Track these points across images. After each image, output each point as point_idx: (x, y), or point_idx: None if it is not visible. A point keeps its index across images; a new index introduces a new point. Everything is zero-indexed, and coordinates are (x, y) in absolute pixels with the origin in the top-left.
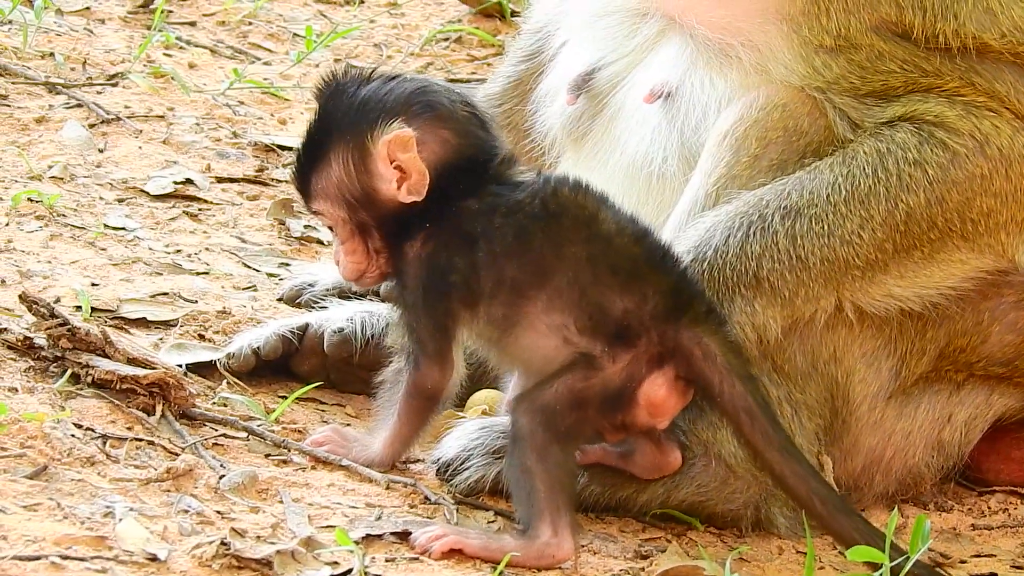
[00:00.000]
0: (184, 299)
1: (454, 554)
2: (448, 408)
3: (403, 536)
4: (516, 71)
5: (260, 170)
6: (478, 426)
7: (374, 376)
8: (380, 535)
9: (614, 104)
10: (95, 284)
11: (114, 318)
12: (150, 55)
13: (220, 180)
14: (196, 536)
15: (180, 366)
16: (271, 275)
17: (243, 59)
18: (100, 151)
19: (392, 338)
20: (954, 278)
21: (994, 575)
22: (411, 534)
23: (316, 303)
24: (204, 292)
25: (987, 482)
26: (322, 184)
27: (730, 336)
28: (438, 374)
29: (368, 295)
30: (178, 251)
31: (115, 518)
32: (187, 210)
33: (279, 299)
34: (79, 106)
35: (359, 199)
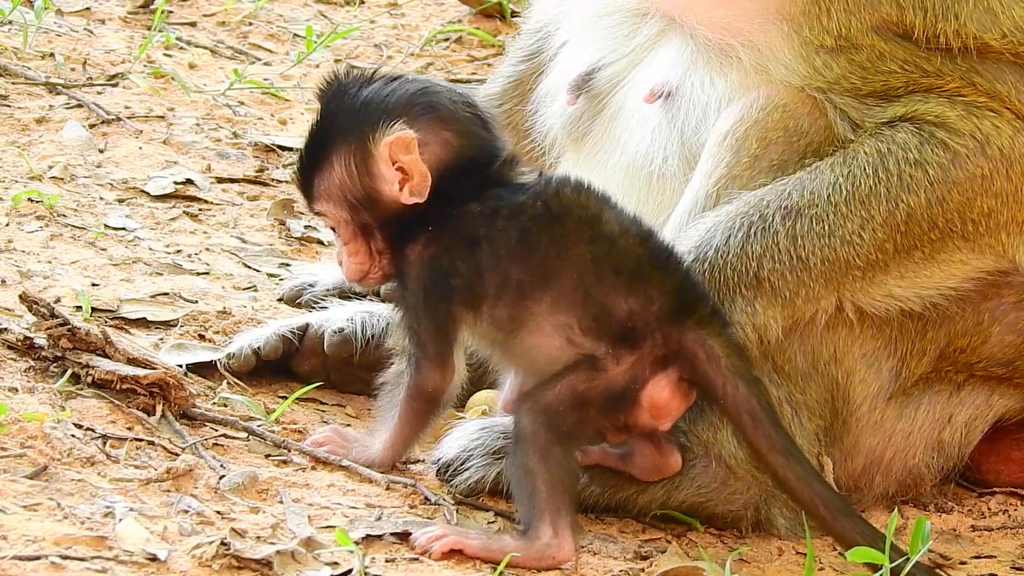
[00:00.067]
0: (184, 299)
1: (454, 554)
2: (448, 409)
3: (403, 536)
4: (516, 71)
5: (260, 170)
6: (478, 426)
7: (374, 376)
8: (380, 535)
9: (614, 104)
10: (95, 284)
11: (114, 318)
12: (150, 55)
13: (220, 180)
14: (196, 536)
15: (180, 366)
16: (271, 275)
17: (243, 59)
18: (100, 151)
19: (393, 340)
20: (955, 278)
21: None
22: (411, 534)
23: (316, 303)
24: (204, 292)
25: (987, 483)
26: (324, 185)
27: (734, 338)
28: (439, 377)
29: (368, 295)
30: (178, 251)
31: (115, 518)
32: (187, 210)
33: (279, 299)
34: (79, 106)
35: (361, 200)
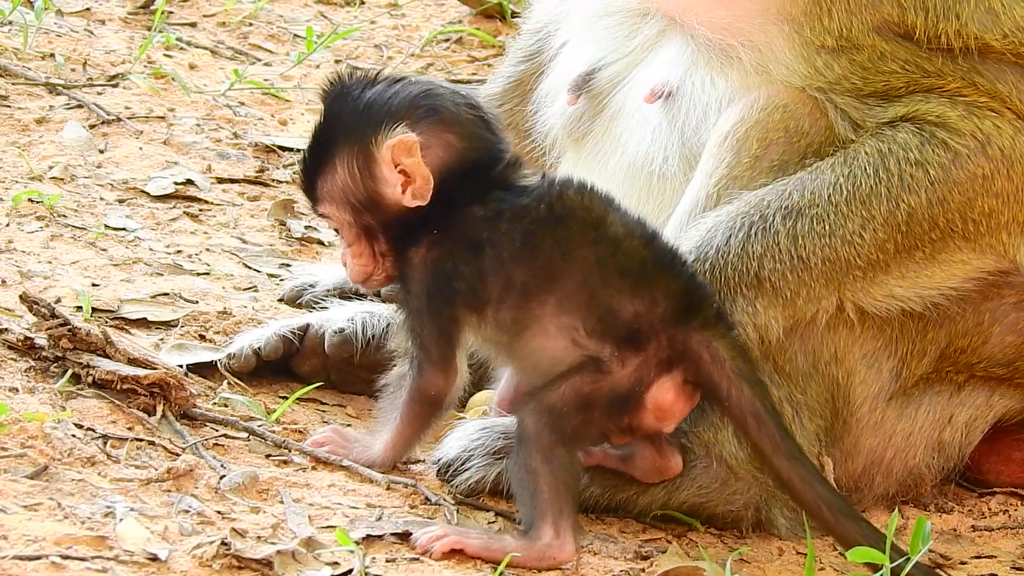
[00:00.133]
0: (185, 299)
1: (455, 554)
2: (450, 411)
3: (404, 536)
4: (516, 71)
5: (261, 171)
6: (479, 427)
7: (375, 377)
8: (381, 535)
9: (614, 104)
10: (96, 284)
11: (115, 318)
12: (150, 56)
13: (221, 181)
14: (197, 536)
15: (181, 366)
16: (272, 276)
17: (243, 60)
18: (100, 152)
19: (396, 342)
20: (955, 279)
21: None
22: (412, 534)
23: (317, 304)
24: (205, 293)
25: (987, 483)
26: (328, 187)
27: (739, 340)
28: (442, 380)
29: (369, 296)
30: (179, 252)
31: (116, 518)
32: (188, 211)
33: (280, 299)
34: (79, 107)
35: (364, 203)
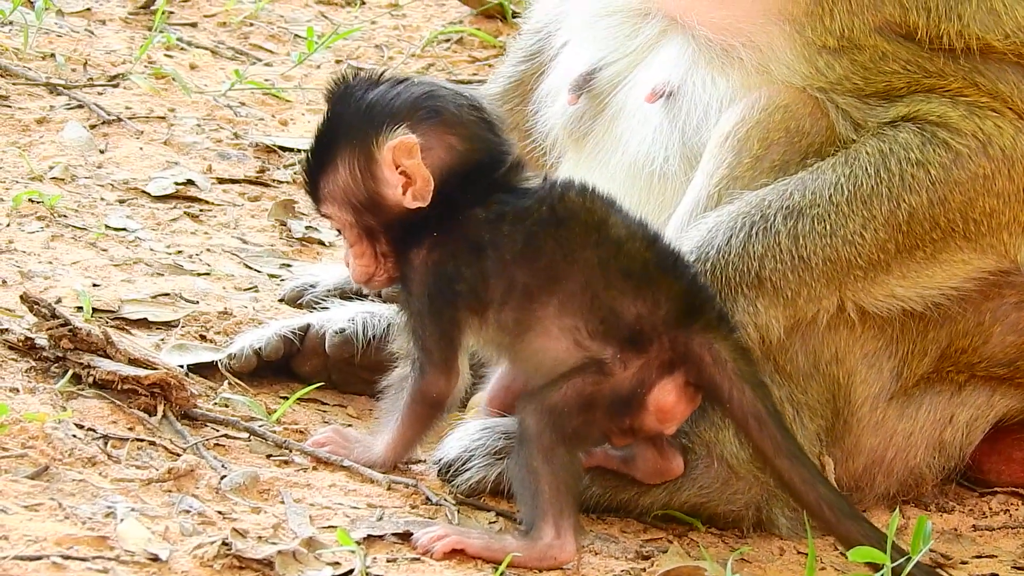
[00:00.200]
0: (185, 300)
1: (456, 554)
2: (452, 413)
3: (405, 536)
4: (517, 71)
5: (261, 171)
6: (480, 427)
7: (376, 377)
8: (382, 535)
9: (615, 104)
10: (96, 285)
11: (115, 319)
12: (151, 56)
13: (221, 181)
14: (197, 536)
15: (181, 367)
16: (272, 276)
17: (244, 60)
18: (101, 152)
19: (398, 344)
20: (956, 278)
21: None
22: (413, 535)
23: (318, 304)
24: (205, 293)
25: (988, 483)
26: (330, 188)
27: (740, 342)
28: (444, 382)
29: (370, 296)
30: (179, 252)
31: (116, 518)
32: (188, 211)
33: (280, 300)
34: (80, 107)
35: (365, 204)
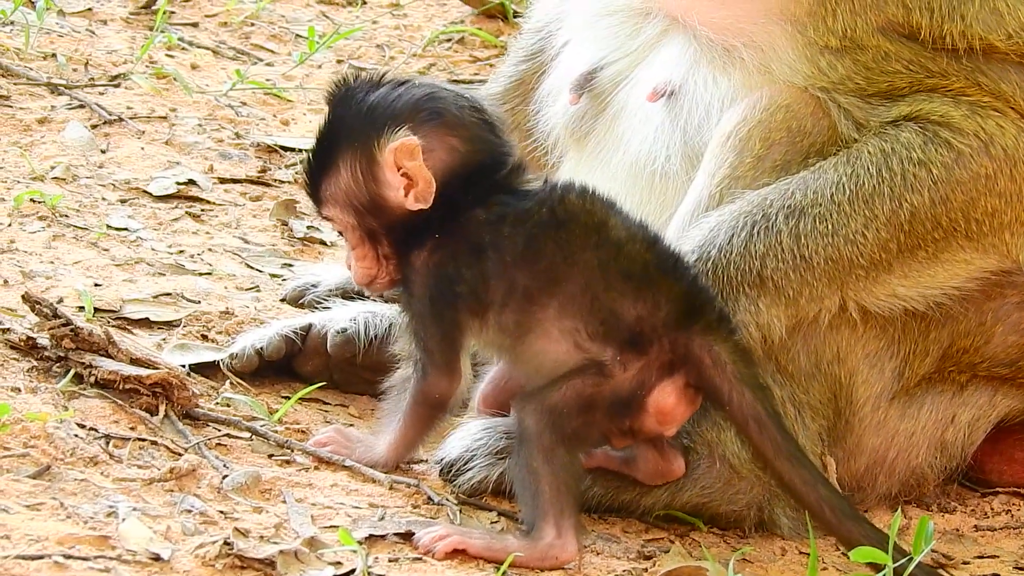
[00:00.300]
0: (187, 299)
1: (457, 554)
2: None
3: (406, 536)
4: (518, 71)
5: (263, 171)
6: (481, 426)
7: (377, 377)
8: (383, 535)
9: (617, 103)
10: (98, 284)
11: (117, 318)
12: (152, 56)
13: (223, 181)
14: (199, 536)
15: (183, 366)
16: (274, 276)
17: (245, 60)
18: (102, 152)
19: (400, 346)
20: (958, 278)
21: None
22: (414, 534)
23: (319, 303)
24: (207, 293)
25: (990, 483)
26: (331, 190)
27: (741, 343)
28: (446, 383)
29: (372, 296)
30: (181, 252)
31: (118, 518)
32: (190, 211)
33: (282, 299)
34: (81, 107)
35: (367, 206)
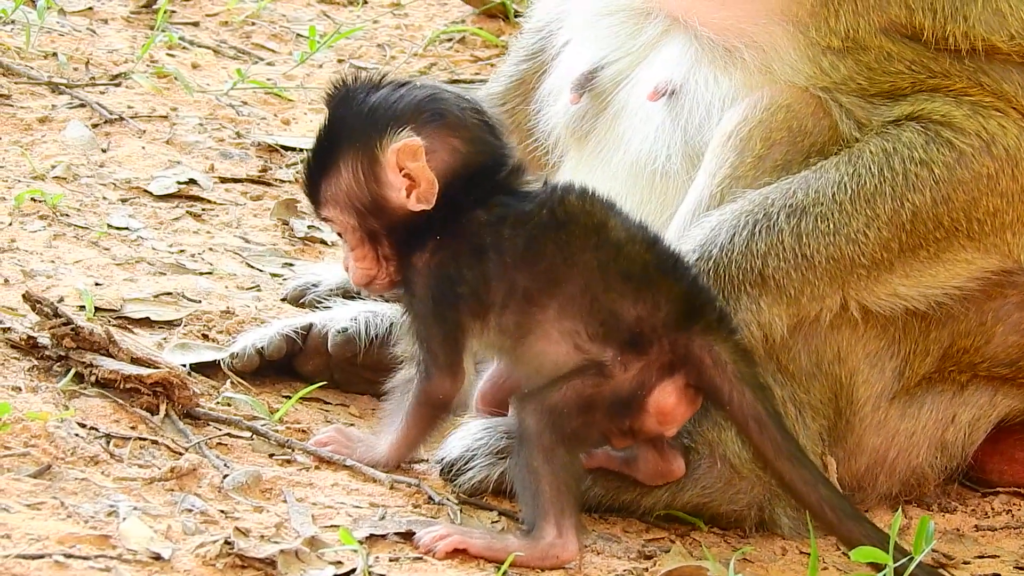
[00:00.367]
0: (188, 299)
1: (458, 554)
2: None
3: (407, 536)
4: (518, 70)
5: (263, 170)
6: (482, 426)
7: (378, 376)
8: (384, 535)
9: (617, 102)
10: (99, 284)
11: (118, 318)
12: (153, 55)
13: (223, 180)
14: (200, 535)
15: (184, 366)
16: (275, 275)
17: (246, 59)
18: (103, 151)
19: (403, 347)
20: (960, 278)
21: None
22: (415, 534)
23: (320, 303)
24: (208, 292)
25: (991, 483)
26: (331, 191)
27: (741, 343)
28: (449, 384)
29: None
30: (182, 251)
31: (119, 517)
32: (190, 210)
33: (283, 299)
34: (82, 106)
35: (368, 207)
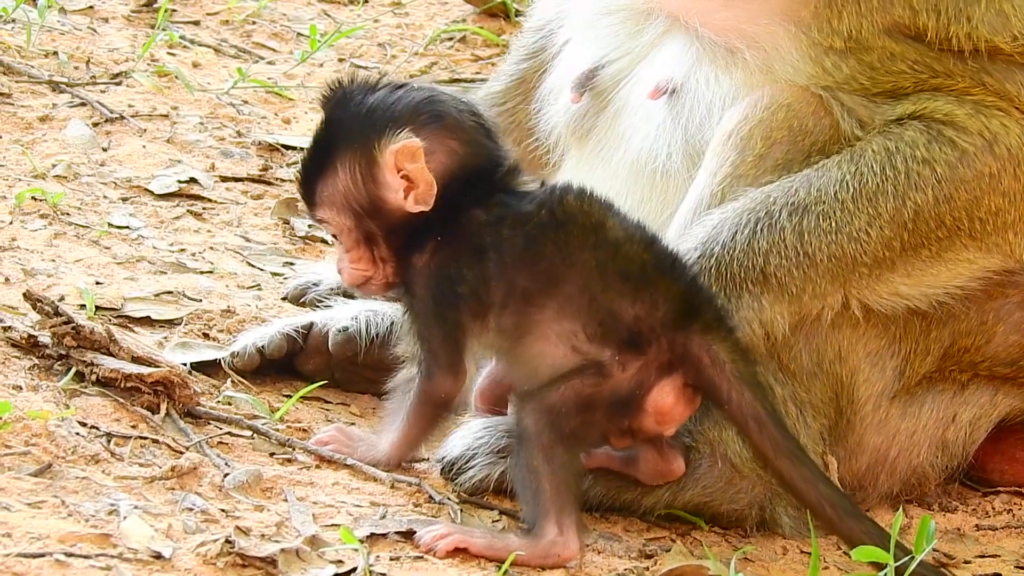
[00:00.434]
0: (188, 298)
1: (459, 553)
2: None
3: (408, 535)
4: (519, 69)
5: (264, 169)
6: (482, 425)
7: (379, 375)
8: (385, 534)
9: (618, 101)
10: (99, 282)
11: (118, 316)
12: (154, 54)
13: (224, 179)
14: (200, 534)
15: (184, 364)
16: (275, 274)
17: (247, 58)
18: (104, 150)
19: (403, 347)
20: (961, 277)
21: (998, 575)
22: (416, 533)
23: (320, 302)
24: (208, 291)
25: (991, 482)
26: (328, 192)
27: (739, 342)
28: (451, 383)
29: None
30: (182, 250)
31: (120, 516)
32: (191, 209)
33: (283, 298)
34: (83, 105)
35: (366, 208)
